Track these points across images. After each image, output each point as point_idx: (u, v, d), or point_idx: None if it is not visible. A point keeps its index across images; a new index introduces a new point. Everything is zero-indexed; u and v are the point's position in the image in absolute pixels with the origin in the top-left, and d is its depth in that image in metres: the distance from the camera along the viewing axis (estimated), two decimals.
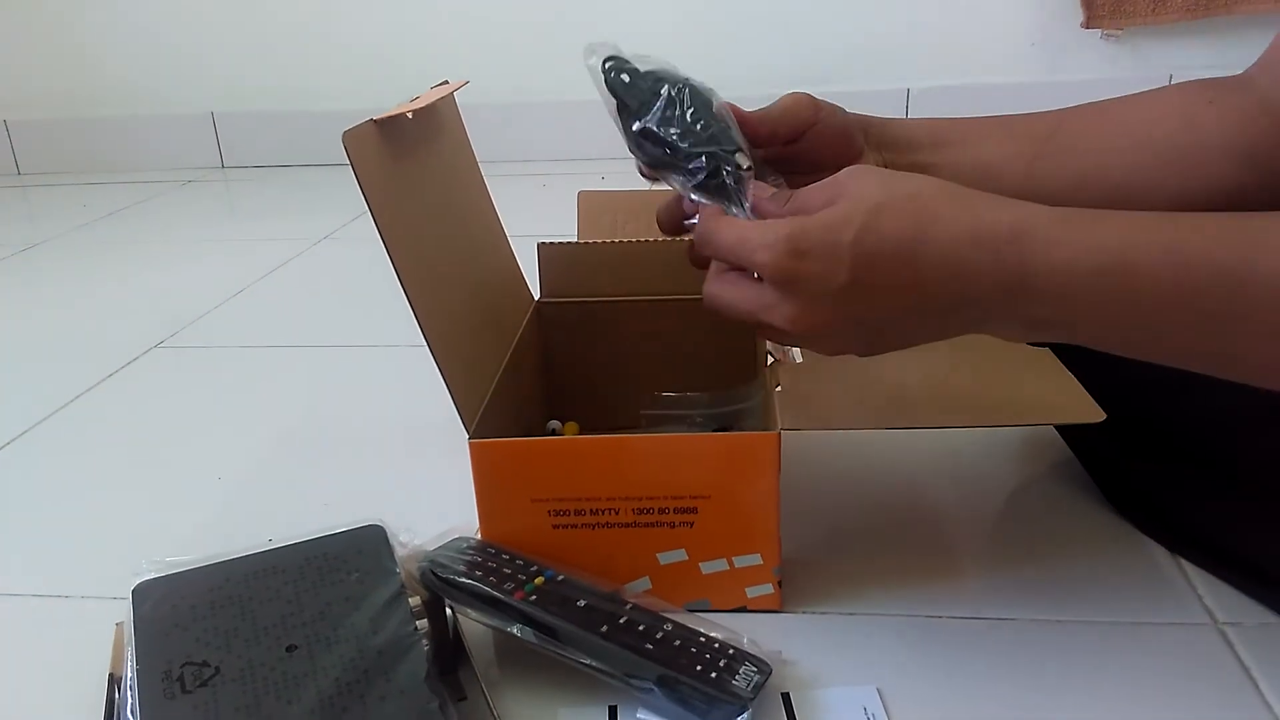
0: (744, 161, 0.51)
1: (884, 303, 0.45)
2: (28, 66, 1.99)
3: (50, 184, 1.96)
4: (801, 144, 0.59)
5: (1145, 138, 0.60)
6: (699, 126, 0.52)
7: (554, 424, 0.75)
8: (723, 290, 0.49)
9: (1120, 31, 1.68)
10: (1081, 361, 0.57)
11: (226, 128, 1.98)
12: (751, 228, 0.47)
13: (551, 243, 0.74)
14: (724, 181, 0.51)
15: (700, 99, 0.52)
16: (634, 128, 0.52)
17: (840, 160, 0.58)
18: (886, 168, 0.62)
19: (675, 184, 0.53)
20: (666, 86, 0.52)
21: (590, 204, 0.85)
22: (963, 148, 0.62)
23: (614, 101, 0.53)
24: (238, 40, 1.92)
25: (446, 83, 0.67)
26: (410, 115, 0.59)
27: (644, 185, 0.58)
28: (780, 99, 0.59)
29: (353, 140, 0.51)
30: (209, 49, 1.94)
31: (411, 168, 0.59)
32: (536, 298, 0.75)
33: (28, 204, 1.86)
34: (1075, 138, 0.61)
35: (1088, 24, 1.69)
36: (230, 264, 1.35)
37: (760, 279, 0.47)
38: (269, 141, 1.97)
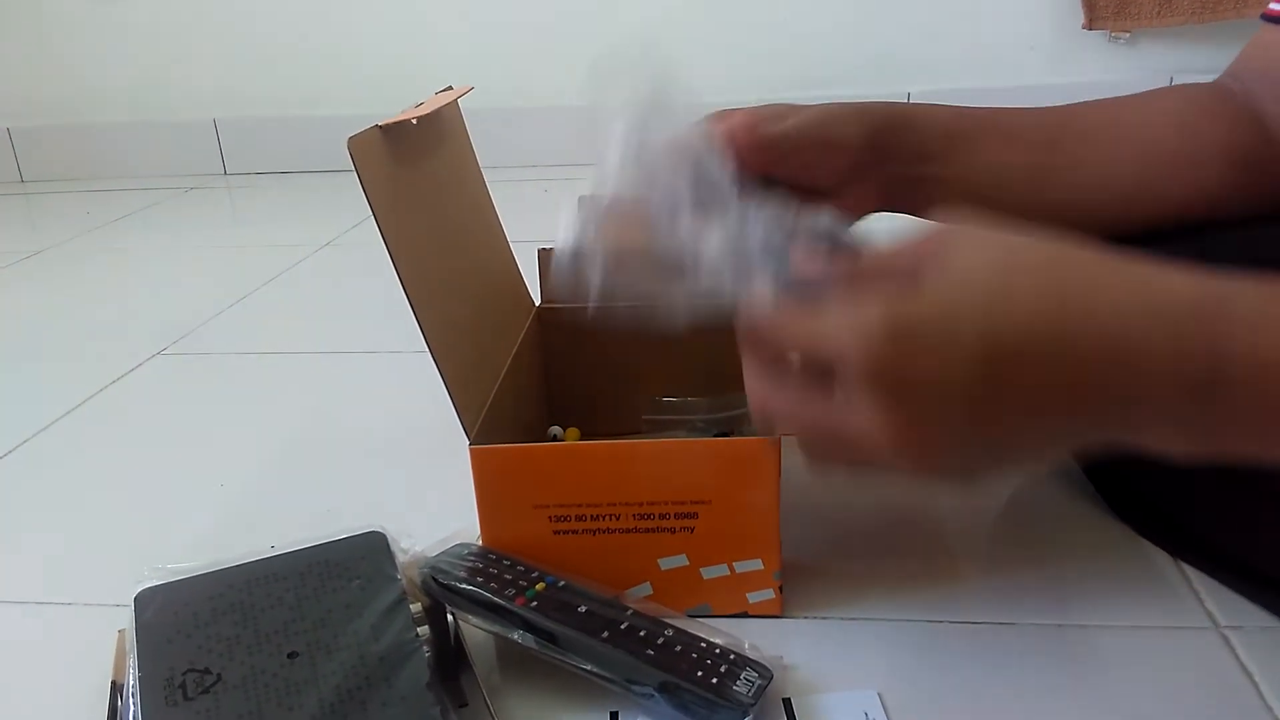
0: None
1: (1018, 406, 0.34)
2: (31, 74, 2.00)
3: (53, 191, 1.96)
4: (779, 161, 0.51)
5: (1148, 146, 0.60)
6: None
7: (555, 429, 0.75)
8: (779, 395, 0.38)
9: (1127, 34, 1.68)
10: None
11: (229, 135, 1.98)
12: (829, 310, 0.35)
13: (552, 248, 0.74)
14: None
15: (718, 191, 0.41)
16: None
17: (820, 176, 0.51)
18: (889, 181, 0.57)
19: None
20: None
21: None
22: (969, 154, 0.59)
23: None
24: (240, 47, 1.93)
25: (451, 88, 0.67)
26: (415, 121, 0.59)
27: None
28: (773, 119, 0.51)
29: (358, 146, 0.51)
30: (211, 56, 1.94)
31: (416, 174, 0.59)
32: (537, 303, 0.76)
33: (31, 211, 1.86)
34: (1079, 147, 0.60)
35: (1089, 25, 1.68)
36: (232, 270, 1.35)
37: (832, 379, 0.35)
38: (271, 148, 1.97)
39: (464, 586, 0.51)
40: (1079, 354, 0.33)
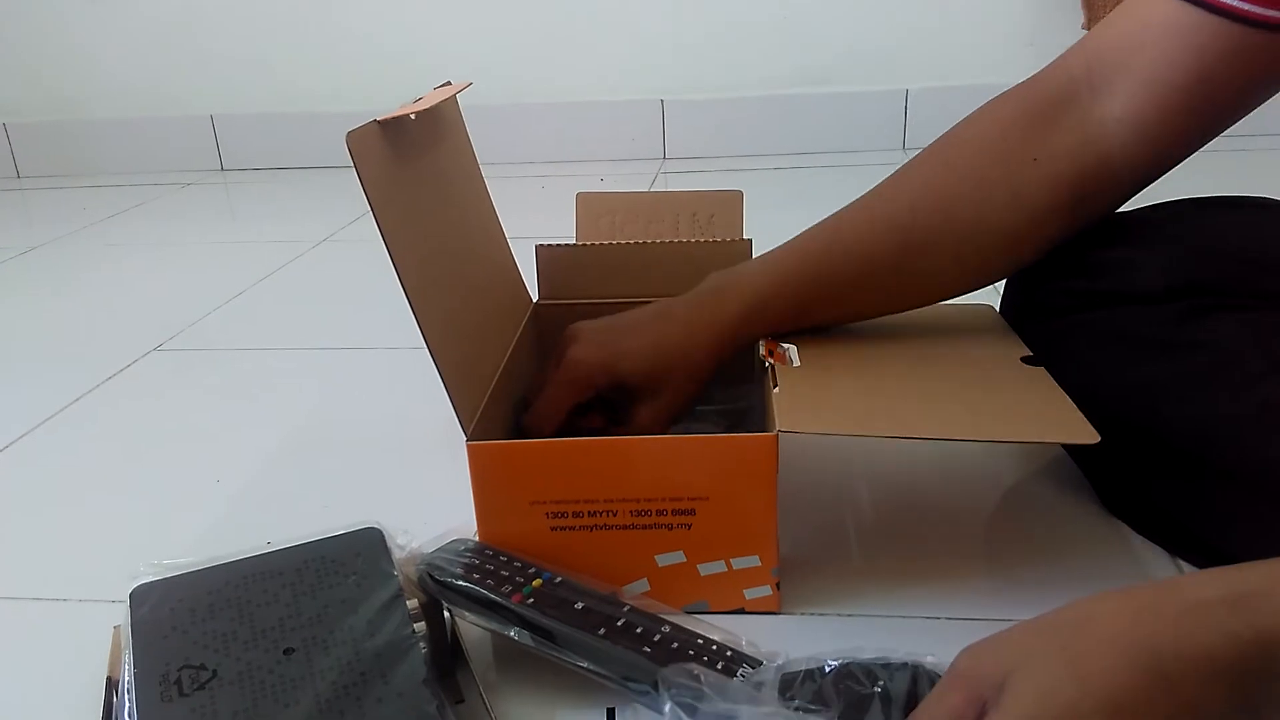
0: None
1: None
2: (27, 69, 2.00)
3: (50, 187, 1.96)
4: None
5: (981, 227, 0.62)
6: None
7: None
8: None
9: None
10: (1082, 366, 0.57)
11: (226, 130, 1.98)
12: None
13: (550, 244, 0.74)
14: None
15: None
16: None
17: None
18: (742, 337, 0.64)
19: None
20: None
21: (589, 206, 0.85)
22: (824, 310, 0.65)
23: None
24: (237, 43, 1.93)
25: (449, 84, 0.67)
26: (413, 117, 0.59)
27: (642, 187, 0.58)
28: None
29: (356, 141, 0.51)
30: (208, 51, 1.94)
31: (414, 169, 0.59)
32: (535, 299, 0.75)
33: (27, 207, 1.86)
34: (920, 260, 0.63)
35: (1089, 25, 1.69)
36: (229, 267, 1.35)
37: None
38: (268, 144, 1.97)
39: (460, 583, 0.51)
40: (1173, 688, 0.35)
